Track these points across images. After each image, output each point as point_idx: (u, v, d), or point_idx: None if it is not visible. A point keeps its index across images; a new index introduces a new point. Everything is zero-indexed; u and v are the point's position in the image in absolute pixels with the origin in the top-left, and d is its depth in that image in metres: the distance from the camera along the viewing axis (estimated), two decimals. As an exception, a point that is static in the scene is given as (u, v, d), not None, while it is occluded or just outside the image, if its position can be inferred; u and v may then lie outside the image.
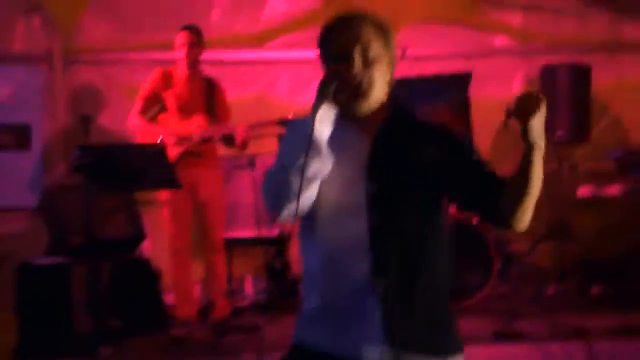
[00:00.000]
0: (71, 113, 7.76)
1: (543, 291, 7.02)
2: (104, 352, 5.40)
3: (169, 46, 6.83)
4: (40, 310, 5.70)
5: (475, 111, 8.31)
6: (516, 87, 8.48)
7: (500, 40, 8.58)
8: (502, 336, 5.60)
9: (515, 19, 8.54)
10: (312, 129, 2.51)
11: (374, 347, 2.60)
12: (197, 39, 6.69)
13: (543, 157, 2.58)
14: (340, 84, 2.58)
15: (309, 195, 2.57)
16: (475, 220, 6.90)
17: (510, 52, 8.59)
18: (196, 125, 6.58)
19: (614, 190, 7.40)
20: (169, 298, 6.80)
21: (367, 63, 2.67)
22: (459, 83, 8.35)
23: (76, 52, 7.99)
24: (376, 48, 2.68)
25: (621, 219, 7.62)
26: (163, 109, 6.67)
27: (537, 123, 2.55)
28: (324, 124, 2.55)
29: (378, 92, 2.70)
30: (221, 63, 7.50)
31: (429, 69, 8.41)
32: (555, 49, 8.44)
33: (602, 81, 8.28)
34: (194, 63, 6.70)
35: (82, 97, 7.93)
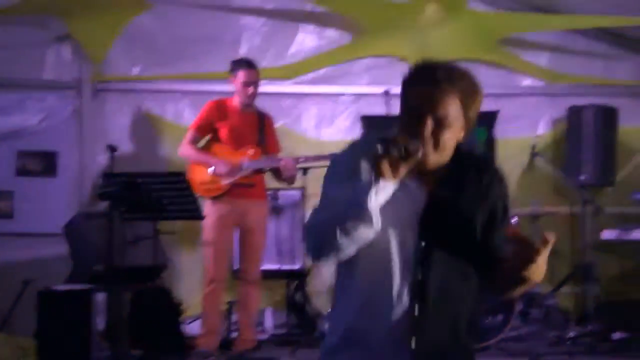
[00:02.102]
0: (98, 141, 7.80)
1: (564, 334, 6.96)
2: (122, 381, 5.40)
3: (197, 77, 6.89)
4: (59, 336, 5.70)
5: (501, 151, 8.32)
6: (542, 128, 8.47)
7: (527, 81, 8.58)
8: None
9: (542, 59, 8.55)
10: (366, 201, 2.46)
11: None
12: (259, 77, 6.76)
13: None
14: (391, 152, 2.45)
15: (352, 249, 2.56)
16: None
17: (537, 93, 8.59)
18: (248, 157, 6.64)
19: (638, 234, 7.35)
20: (191, 328, 6.80)
21: (440, 130, 2.55)
22: (486, 122, 8.36)
23: (105, 81, 8.06)
24: (453, 116, 2.57)
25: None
26: (215, 139, 6.72)
27: (538, 268, 2.45)
28: (379, 196, 2.48)
29: (442, 158, 2.61)
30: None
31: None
32: (582, 91, 8.44)
33: (629, 124, 8.26)
34: (254, 98, 6.78)
35: (110, 125, 7.99)
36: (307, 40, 8.30)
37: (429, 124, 2.53)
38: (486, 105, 8.52)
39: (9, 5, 7.52)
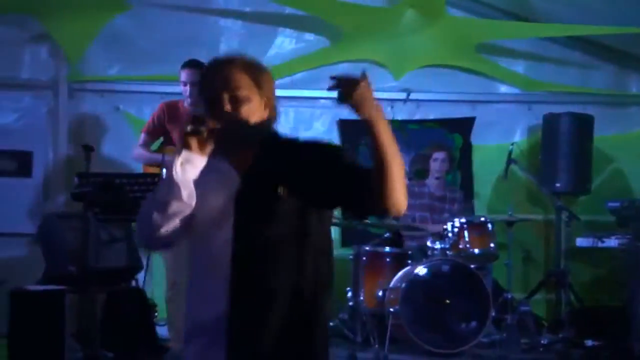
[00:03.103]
0: (74, 141, 7.77)
1: (538, 341, 6.99)
2: (94, 383, 5.37)
3: (175, 79, 6.85)
4: (31, 337, 5.66)
5: (477, 157, 8.36)
6: (518, 135, 8.51)
7: (504, 88, 8.62)
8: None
9: (519, 67, 8.59)
10: (172, 173, 2.69)
11: None
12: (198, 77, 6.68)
13: (387, 126, 2.61)
14: (199, 129, 2.69)
15: (173, 229, 2.74)
16: (471, 265, 6.90)
17: (513, 100, 8.63)
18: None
19: (612, 242, 7.40)
20: (164, 330, 6.77)
21: (237, 103, 2.77)
22: (462, 129, 8.40)
23: (82, 81, 8.03)
24: (245, 89, 2.79)
25: (619, 271, 7.62)
26: (167, 141, 6.67)
27: (362, 98, 2.57)
28: (185, 168, 2.69)
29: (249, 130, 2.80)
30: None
31: (432, 113, 8.47)
32: (558, 99, 8.49)
33: (604, 132, 8.31)
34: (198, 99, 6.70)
35: (86, 126, 7.96)
36: (285, 43, 8.30)
37: (225, 98, 2.76)
38: (463, 112, 8.59)
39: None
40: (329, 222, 2.92)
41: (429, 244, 7.21)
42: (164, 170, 4.77)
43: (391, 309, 6.72)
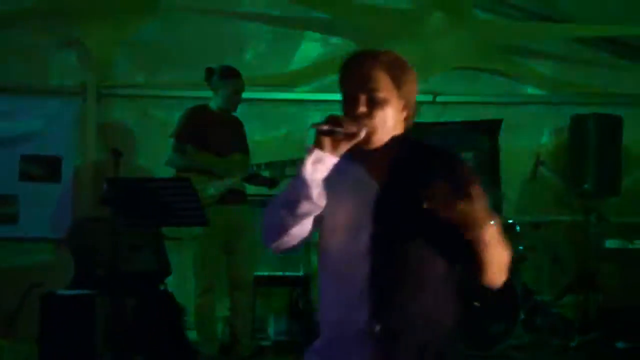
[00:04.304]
0: (102, 146, 7.81)
1: (568, 343, 6.96)
2: (124, 386, 5.40)
3: (202, 85, 6.89)
4: (62, 341, 5.71)
5: (504, 159, 8.32)
6: (546, 137, 8.47)
7: (531, 89, 8.59)
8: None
9: (546, 68, 8.56)
10: (303, 172, 2.58)
11: None
12: (242, 86, 6.74)
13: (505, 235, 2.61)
14: (334, 130, 2.57)
15: (301, 231, 2.67)
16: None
17: (541, 102, 8.59)
18: (237, 164, 6.63)
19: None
20: (193, 334, 6.80)
21: (374, 106, 2.65)
22: (489, 131, 8.36)
23: (110, 86, 8.07)
24: (385, 91, 2.66)
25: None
26: (201, 146, 6.68)
27: (468, 216, 2.48)
28: (316, 167, 2.58)
29: (383, 135, 2.68)
30: (252, 102, 7.52)
31: (459, 115, 8.44)
32: (586, 100, 8.44)
33: (633, 134, 8.25)
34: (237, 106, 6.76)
35: (114, 131, 8.00)
36: (311, 47, 8.31)
37: (362, 99, 2.64)
38: (490, 114, 8.54)
39: (17, 9, 7.55)
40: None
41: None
42: None
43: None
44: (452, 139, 8.25)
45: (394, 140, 2.71)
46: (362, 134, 2.59)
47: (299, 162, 2.63)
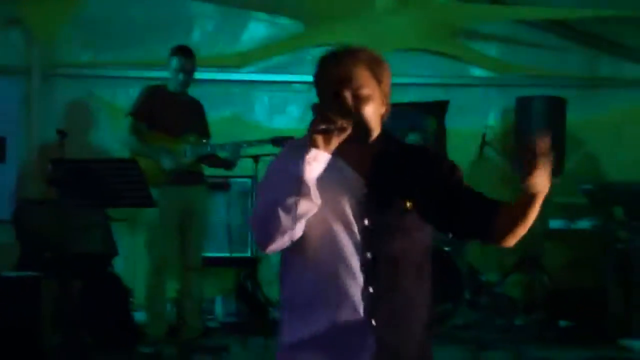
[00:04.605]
0: (47, 127, 7.72)
1: (512, 322, 7.05)
2: (71, 368, 5.37)
3: (149, 64, 6.84)
4: (8, 323, 5.66)
5: (451, 140, 8.38)
6: (492, 118, 8.55)
7: (477, 71, 8.65)
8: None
9: (492, 50, 8.63)
10: (302, 171, 2.57)
11: None
12: (193, 65, 6.67)
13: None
14: (328, 127, 2.59)
15: (297, 230, 2.65)
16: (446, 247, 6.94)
17: (487, 84, 8.66)
18: (190, 144, 6.59)
19: (585, 223, 7.46)
20: (141, 315, 6.78)
21: (360, 102, 2.69)
22: (436, 112, 8.41)
23: (55, 66, 7.98)
24: (368, 87, 2.72)
25: (591, 252, 7.68)
26: (153, 126, 6.62)
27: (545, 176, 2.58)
28: (314, 165, 2.59)
29: (375, 131, 2.76)
30: (200, 82, 7.47)
31: (406, 97, 8.48)
32: (532, 82, 8.53)
33: (577, 115, 8.35)
34: (187, 85, 6.69)
35: (59, 111, 7.92)
36: (259, 28, 8.29)
37: (348, 96, 2.68)
38: (436, 95, 8.58)
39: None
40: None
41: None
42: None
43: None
44: (399, 121, 8.29)
45: (378, 135, 2.78)
46: (350, 129, 2.61)
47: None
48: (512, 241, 2.74)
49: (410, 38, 8.34)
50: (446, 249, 6.96)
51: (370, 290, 2.68)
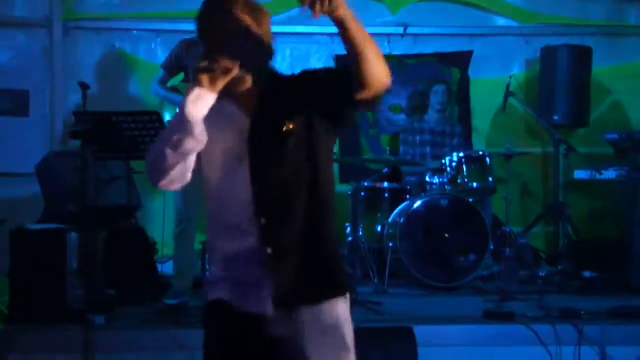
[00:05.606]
0: (70, 79, 7.72)
1: (536, 273, 7.03)
2: (96, 320, 5.40)
3: (172, 16, 6.80)
4: (33, 275, 5.69)
5: (474, 90, 8.33)
6: (516, 68, 8.47)
7: (501, 21, 8.56)
8: (493, 316, 5.61)
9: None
10: (185, 110, 2.71)
11: (268, 306, 2.85)
12: None
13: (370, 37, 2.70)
14: (211, 67, 2.71)
15: (185, 167, 2.82)
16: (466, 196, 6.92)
17: (511, 33, 8.57)
18: None
19: (610, 173, 7.40)
20: (166, 267, 6.80)
21: (235, 50, 2.78)
22: (460, 62, 8.36)
23: (76, 19, 7.96)
24: (251, 29, 2.83)
25: (617, 202, 7.63)
26: (186, 79, 6.58)
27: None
28: (197, 105, 2.72)
29: (254, 69, 2.84)
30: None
31: (429, 47, 8.41)
32: (556, 31, 8.44)
33: (603, 64, 8.27)
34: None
35: (81, 64, 7.91)
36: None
37: (231, 42, 2.81)
38: (460, 45, 8.49)
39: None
40: (332, 152, 3.05)
41: (427, 178, 7.22)
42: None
43: (390, 244, 6.75)
44: (423, 71, 8.25)
45: (264, 75, 2.91)
46: (236, 70, 2.72)
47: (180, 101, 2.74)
48: (373, 79, 2.73)
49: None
50: (470, 200, 6.94)
51: (262, 221, 2.84)
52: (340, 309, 2.93)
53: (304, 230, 2.87)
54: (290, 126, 2.84)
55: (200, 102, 2.72)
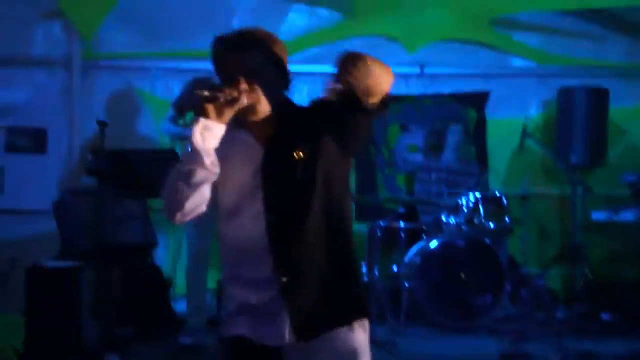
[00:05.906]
0: (88, 118, 7.76)
1: (553, 315, 6.99)
2: (110, 359, 5.39)
3: (188, 56, 6.84)
4: (48, 313, 5.70)
5: (492, 131, 8.32)
6: (533, 109, 8.47)
7: (518, 62, 8.58)
8: (510, 358, 5.57)
9: (534, 40, 8.54)
10: (193, 142, 2.74)
11: (287, 337, 2.86)
12: None
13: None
14: (216, 96, 2.75)
15: (201, 199, 2.82)
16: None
17: (528, 74, 8.58)
18: None
19: (627, 215, 7.36)
20: (180, 305, 6.79)
21: (252, 82, 2.83)
22: (477, 103, 8.37)
23: (96, 57, 8.02)
24: (259, 65, 2.86)
25: (635, 244, 7.59)
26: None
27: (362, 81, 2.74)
28: (205, 136, 2.74)
29: (266, 106, 2.88)
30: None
31: (447, 87, 8.43)
32: (573, 72, 8.44)
33: (620, 105, 8.26)
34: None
35: (100, 103, 7.96)
36: (298, 19, 8.27)
37: (242, 79, 2.82)
38: (477, 86, 8.51)
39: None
40: (347, 178, 3.03)
41: (443, 218, 7.20)
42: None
43: (406, 284, 6.73)
44: (440, 111, 8.27)
45: (280, 106, 2.93)
46: (245, 100, 2.77)
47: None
48: (383, 88, 2.81)
49: (450, 29, 8.27)
50: (487, 241, 6.92)
51: (277, 249, 2.84)
52: (360, 338, 2.91)
53: (320, 257, 2.87)
54: (301, 154, 2.84)
55: (208, 133, 2.75)
